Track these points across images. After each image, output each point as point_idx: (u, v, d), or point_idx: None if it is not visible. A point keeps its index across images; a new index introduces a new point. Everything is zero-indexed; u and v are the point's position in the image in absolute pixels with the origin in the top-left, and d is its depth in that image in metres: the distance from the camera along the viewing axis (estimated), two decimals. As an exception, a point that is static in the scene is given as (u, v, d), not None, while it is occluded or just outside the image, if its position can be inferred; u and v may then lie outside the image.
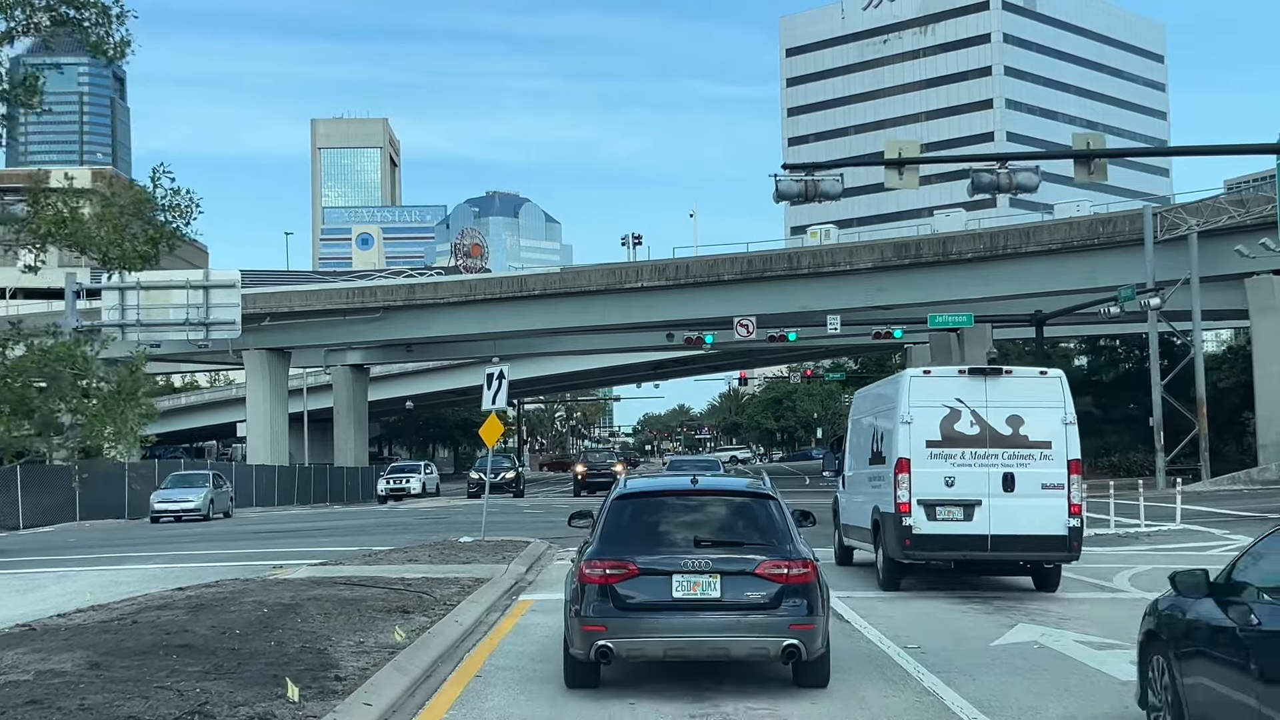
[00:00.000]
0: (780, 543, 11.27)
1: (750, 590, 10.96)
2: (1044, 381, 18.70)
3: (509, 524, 34.82)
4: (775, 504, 11.78)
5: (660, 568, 10.95)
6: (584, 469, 61.23)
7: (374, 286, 69.53)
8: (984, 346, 63.62)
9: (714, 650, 11.06)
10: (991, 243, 56.30)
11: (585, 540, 12.21)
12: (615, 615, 10.83)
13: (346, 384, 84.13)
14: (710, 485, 12.34)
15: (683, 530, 11.38)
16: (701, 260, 63.04)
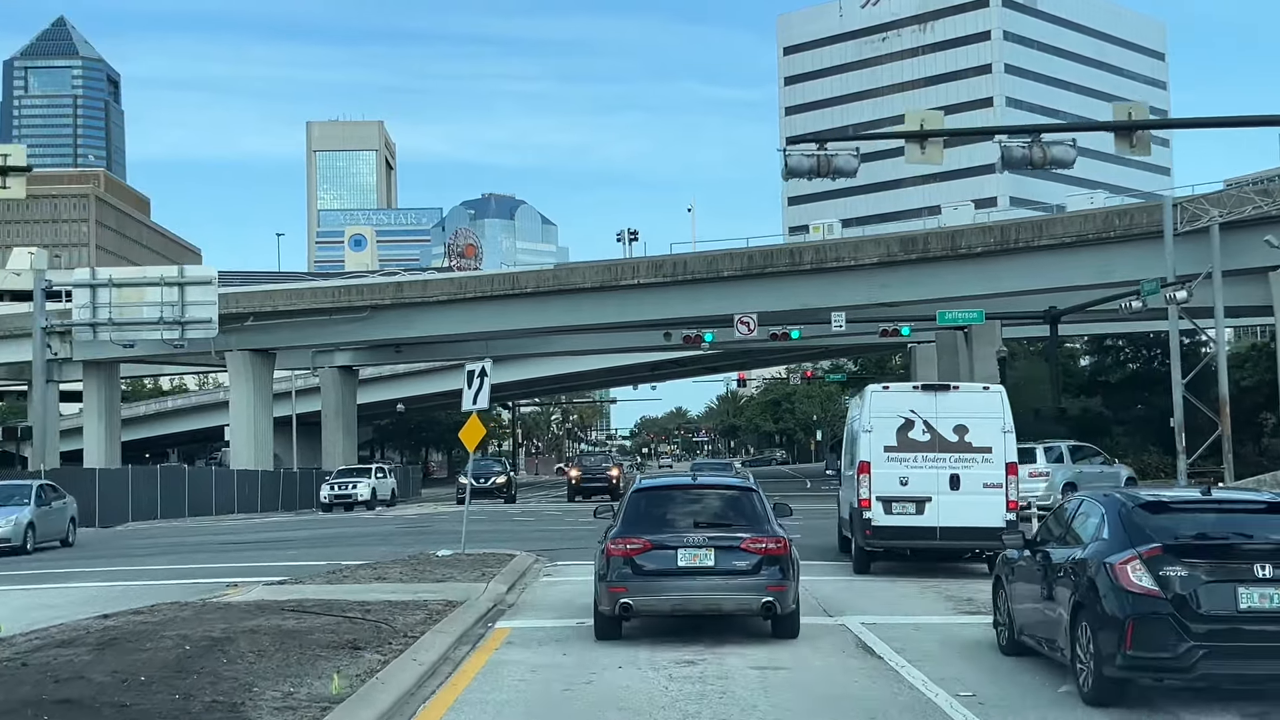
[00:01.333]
0: (760, 524, 14.74)
1: (737, 560, 14.29)
2: (987, 396, 22.12)
3: (495, 534, 32.50)
4: (756, 495, 15.34)
5: (668, 544, 14.33)
6: (578, 473, 58.91)
7: (360, 285, 67.17)
8: (993, 344, 61.32)
9: (708, 605, 14.43)
10: (1002, 236, 53.97)
11: (609, 525, 15.49)
12: (634, 579, 14.20)
13: (335, 386, 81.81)
14: (706, 481, 16.34)
15: (685, 515, 14.88)
16: (700, 256, 60.71)
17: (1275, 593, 10.39)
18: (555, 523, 38.62)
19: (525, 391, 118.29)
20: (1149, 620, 10.48)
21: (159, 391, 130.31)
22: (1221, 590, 10.45)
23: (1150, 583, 10.54)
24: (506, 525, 37.29)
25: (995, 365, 60.78)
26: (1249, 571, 10.48)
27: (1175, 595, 10.46)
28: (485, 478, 57.70)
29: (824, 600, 18.57)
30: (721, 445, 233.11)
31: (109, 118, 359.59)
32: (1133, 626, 10.50)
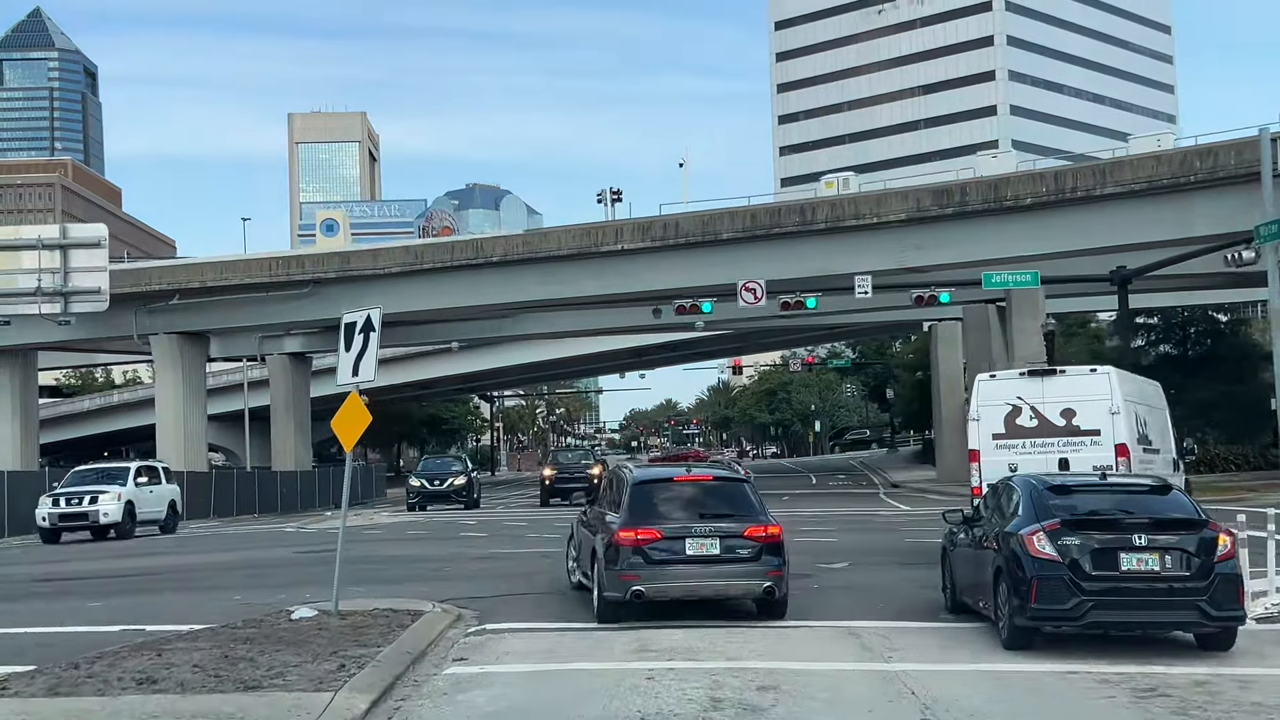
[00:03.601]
0: (755, 514, 15.83)
1: (740, 548, 15.36)
2: (1094, 377, 22.10)
3: (418, 564, 23.49)
4: (749, 486, 16.53)
5: (678, 533, 15.27)
6: (552, 472, 49.95)
7: (300, 255, 58.15)
8: (1036, 317, 52.50)
9: (715, 591, 15.48)
10: (1057, 184, 45.13)
11: (597, 512, 17.19)
12: (645, 568, 15.07)
13: (284, 375, 73.03)
14: (702, 472, 17.13)
15: (687, 506, 15.77)
16: (694, 216, 51.82)
17: (1149, 557, 12.93)
18: (514, 541, 29.74)
19: (501, 381, 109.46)
20: (1049, 580, 12.88)
21: (110, 385, 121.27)
22: (1107, 556, 12.92)
23: (1051, 550, 12.98)
24: (444, 547, 28.21)
25: (1039, 342, 51.99)
26: (1129, 540, 12.98)
27: (1071, 560, 12.92)
28: (441, 479, 48.62)
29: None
30: (714, 438, 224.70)
31: (86, 110, 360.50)
32: (1037, 585, 12.91)
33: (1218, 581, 12.83)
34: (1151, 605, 12.83)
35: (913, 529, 30.43)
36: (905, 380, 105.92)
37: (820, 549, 24.63)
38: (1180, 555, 12.86)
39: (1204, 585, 12.77)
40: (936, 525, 32.64)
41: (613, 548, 15.19)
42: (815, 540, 26.72)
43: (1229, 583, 12.99)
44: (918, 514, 38.43)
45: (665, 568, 14.99)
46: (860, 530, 30.61)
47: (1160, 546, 12.84)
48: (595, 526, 16.52)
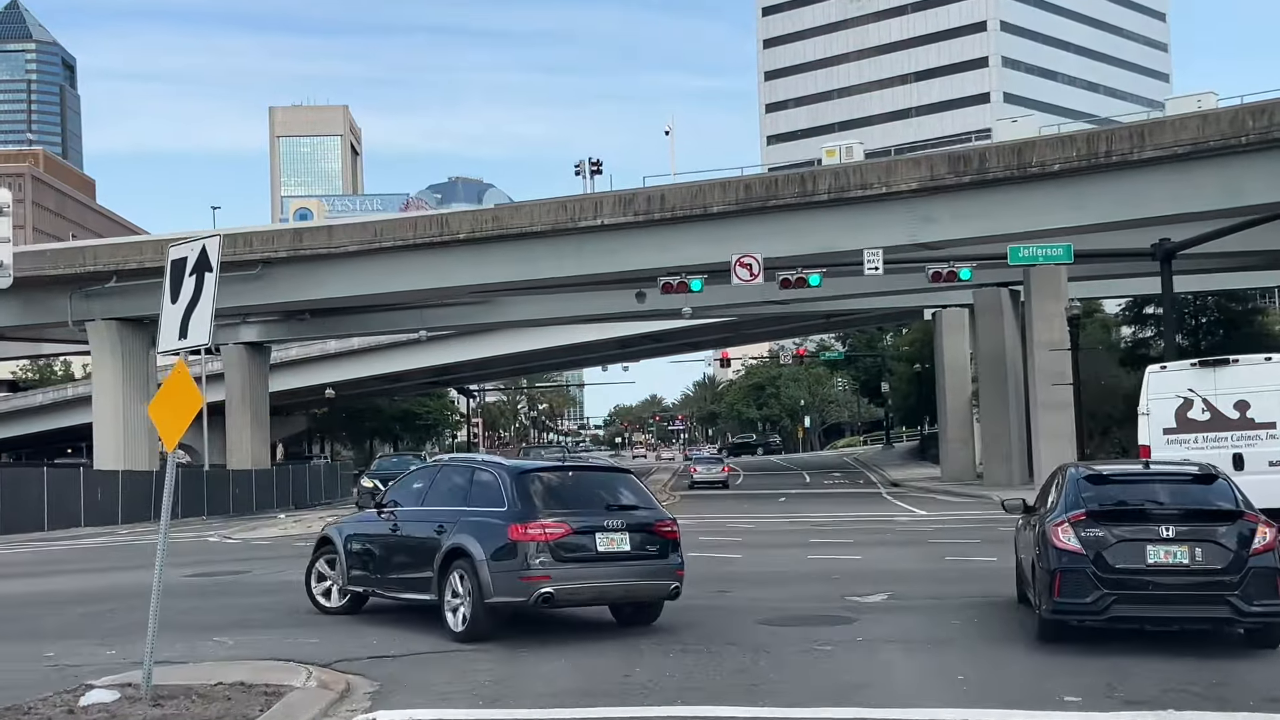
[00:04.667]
0: (655, 507, 14.52)
1: (649, 544, 13.98)
2: (1270, 367, 21.36)
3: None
4: (636, 476, 15.06)
5: (588, 527, 13.68)
6: (523, 472, 44.96)
7: (247, 232, 52.80)
8: (1058, 300, 47.66)
9: (627, 593, 14.08)
10: (1089, 149, 40.17)
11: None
12: (556, 567, 13.39)
13: (240, 367, 67.89)
14: (591, 463, 17.49)
15: (586, 497, 14.19)
16: (682, 188, 46.77)
17: (1178, 549, 12.28)
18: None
19: (478, 374, 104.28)
20: (1072, 573, 12.38)
21: (70, 378, 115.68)
22: (1133, 548, 12.34)
23: (1075, 542, 12.44)
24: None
25: (1061, 326, 47.18)
26: (1156, 532, 12.35)
27: (1095, 552, 12.36)
28: (393, 478, 43.34)
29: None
30: (700, 434, 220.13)
31: (64, 102, 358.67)
32: (1060, 577, 12.44)
33: (1251, 575, 12.16)
34: (1178, 600, 12.26)
35: (943, 541, 25.47)
36: (901, 373, 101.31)
37: (844, 571, 19.67)
38: (1212, 548, 12.26)
39: (1236, 579, 12.16)
40: (969, 536, 27.81)
41: (509, 546, 13.41)
42: (835, 559, 21.76)
43: (1264, 576, 12.21)
44: (939, 520, 33.51)
45: (577, 567, 13.53)
46: (883, 543, 25.63)
47: (1190, 538, 12.29)
48: (446, 524, 14.31)
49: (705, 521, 34.47)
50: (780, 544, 25.94)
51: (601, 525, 13.70)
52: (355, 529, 16.21)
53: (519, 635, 13.81)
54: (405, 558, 14.91)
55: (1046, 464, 47.85)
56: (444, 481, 15.30)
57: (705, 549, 24.17)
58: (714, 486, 62.79)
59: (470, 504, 14.40)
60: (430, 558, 14.24)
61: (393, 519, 15.38)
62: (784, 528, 31.62)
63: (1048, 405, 47.78)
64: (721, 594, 16.98)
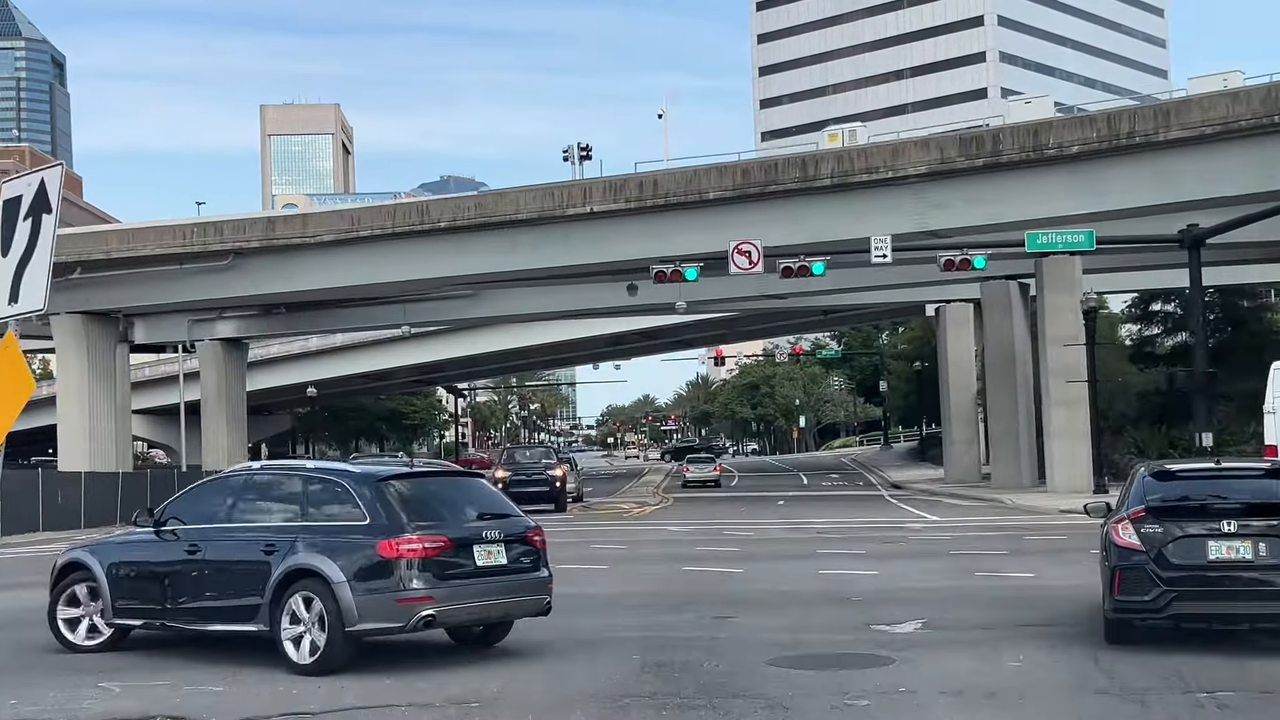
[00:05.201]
0: (517, 513, 12.96)
1: (524, 556, 12.58)
2: None
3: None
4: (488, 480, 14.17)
5: (466, 539, 12.08)
6: (506, 474, 41.90)
7: (219, 221, 50.22)
8: (1072, 292, 45.04)
9: (506, 611, 12.56)
10: (1110, 129, 37.66)
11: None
12: (438, 586, 11.70)
13: (216, 364, 65.01)
14: (444, 467, 15.16)
15: (453, 504, 12.57)
16: (676, 174, 44.21)
17: (1241, 545, 11.85)
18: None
19: (466, 372, 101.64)
20: (1131, 570, 12.00)
21: (49, 376, 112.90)
22: (1194, 544, 11.92)
23: (1134, 538, 12.05)
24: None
25: (1075, 321, 44.67)
26: (1218, 528, 11.93)
27: (1155, 549, 11.94)
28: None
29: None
30: (693, 434, 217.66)
31: (54, 100, 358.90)
32: (1120, 575, 12.08)
33: None
34: (1241, 596, 11.86)
35: (967, 552, 22.89)
36: (899, 371, 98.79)
37: (863, 590, 17.09)
38: (1277, 542, 11.83)
39: None
40: (994, 545, 25.02)
41: (380, 565, 11.70)
42: (849, 574, 19.16)
43: None
44: (953, 526, 30.94)
45: (459, 584, 12.01)
46: (899, 554, 23.02)
47: (1254, 534, 11.88)
48: (282, 543, 12.24)
49: (701, 528, 31.93)
50: (784, 555, 23.37)
51: (479, 536, 12.24)
52: (124, 554, 13.60)
53: (386, 666, 11.69)
54: (216, 583, 12.57)
55: (1059, 464, 45.35)
56: (260, 494, 13.08)
57: (702, 561, 21.64)
58: (706, 485, 64.22)
59: (310, 518, 12.36)
60: (258, 582, 12.13)
61: (186, 540, 12.91)
62: (786, 535, 29.05)
63: (1060, 403, 45.22)
64: (722, 621, 14.39)
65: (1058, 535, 26.81)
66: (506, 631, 13.16)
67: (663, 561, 21.92)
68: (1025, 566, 19.71)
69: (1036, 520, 32.83)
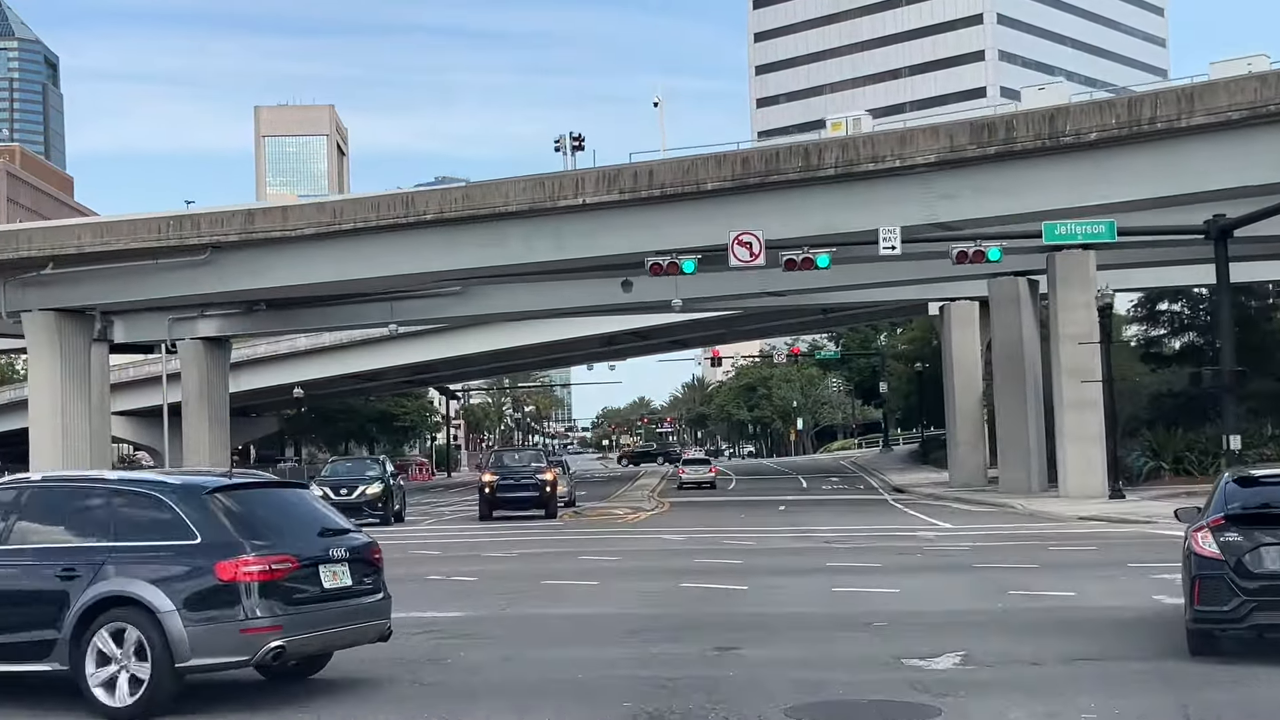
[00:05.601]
0: (353, 527, 11.57)
1: (366, 576, 11.17)
2: None
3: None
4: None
5: (313, 558, 10.66)
6: (493, 478, 39.83)
7: (195, 214, 48.09)
8: (1085, 289, 43.13)
9: (355, 638, 11.13)
10: (1130, 115, 35.71)
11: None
12: (287, 613, 10.29)
13: (198, 363, 63.08)
14: (266, 478, 12.73)
15: (291, 519, 11.04)
16: (672, 164, 42.18)
17: None
18: (406, 587, 20.09)
19: (458, 372, 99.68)
20: (1210, 579, 11.60)
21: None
22: (1274, 552, 11.46)
23: (1213, 547, 11.64)
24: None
25: (1089, 318, 42.79)
26: None
27: (1234, 558, 11.53)
28: (349, 487, 38.24)
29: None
30: (689, 436, 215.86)
31: (47, 100, 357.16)
32: (1198, 584, 11.68)
33: None
34: None
35: (990, 566, 20.89)
36: (899, 372, 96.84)
37: (885, 613, 15.08)
38: None
39: None
40: (1018, 557, 22.74)
41: (218, 590, 10.14)
42: (867, 592, 17.15)
43: None
44: (969, 535, 28.96)
45: (307, 610, 10.57)
46: (917, 568, 21.00)
47: None
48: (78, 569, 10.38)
49: (699, 536, 29.92)
50: (792, 568, 21.36)
51: (326, 555, 10.80)
52: None
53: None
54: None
55: (1072, 468, 43.39)
56: (50, 509, 10.99)
57: (701, 576, 19.64)
58: (702, 487, 64.35)
59: (122, 537, 10.50)
60: (52, 614, 10.28)
61: None
62: (791, 545, 27.04)
63: (1074, 404, 43.26)
64: (727, 654, 12.39)
65: (1084, 545, 24.85)
66: (326, 661, 11.67)
67: (659, 576, 19.93)
68: (1060, 583, 17.74)
69: (1055, 528, 30.87)
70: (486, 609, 16.21)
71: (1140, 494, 42.43)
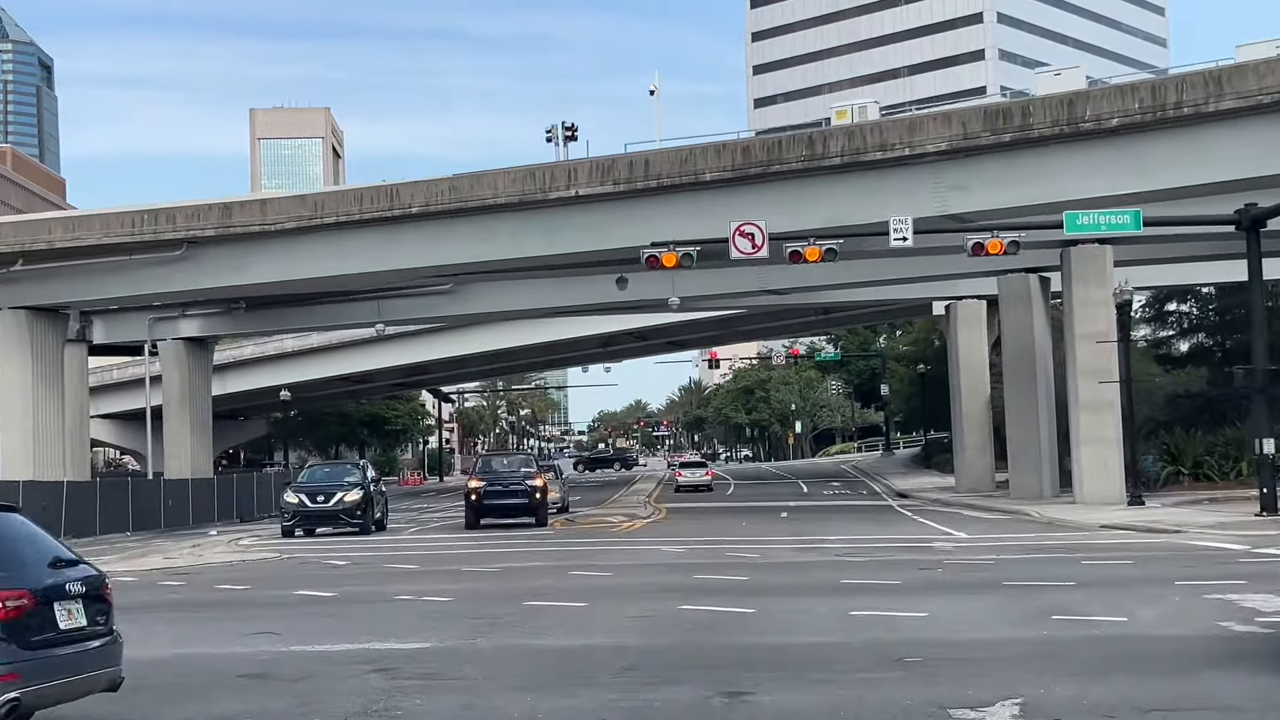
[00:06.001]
0: (84, 559, 9.96)
1: (99, 615, 9.61)
2: None
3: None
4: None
5: (48, 594, 9.06)
6: (479, 484, 37.69)
7: (170, 208, 46.14)
8: (1102, 285, 41.12)
9: (88, 687, 9.46)
10: (1154, 100, 33.77)
11: None
12: (24, 658, 8.63)
13: (179, 365, 61.01)
14: None
15: (18, 547, 9.19)
16: (669, 153, 40.22)
17: None
18: (373, 609, 17.97)
19: (451, 374, 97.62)
20: None
21: None
22: None
23: None
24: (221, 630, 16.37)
25: (1107, 316, 40.81)
26: None
27: None
28: (326, 494, 36.20)
29: None
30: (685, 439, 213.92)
31: (41, 103, 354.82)
32: None
33: None
34: None
35: (1021, 583, 18.82)
36: (900, 375, 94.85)
37: (915, 642, 13.04)
38: None
39: None
40: (1048, 573, 20.34)
41: None
42: (889, 615, 15.11)
43: None
44: (988, 546, 26.90)
45: (46, 656, 8.77)
46: (940, 586, 18.94)
47: None
48: None
49: (699, 548, 27.87)
50: (802, 587, 19.32)
51: (63, 590, 9.26)
52: None
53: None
54: None
55: (1088, 473, 41.36)
56: None
57: (703, 596, 17.61)
58: (699, 490, 65.08)
59: None
60: None
61: None
62: (799, 558, 25.01)
63: (1090, 406, 41.26)
64: (735, 703, 10.32)
65: (1117, 558, 22.80)
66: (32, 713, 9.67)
67: (655, 595, 17.89)
68: (1106, 605, 15.71)
69: (1079, 538, 28.84)
70: (456, 638, 14.15)
71: (1160, 500, 40.43)
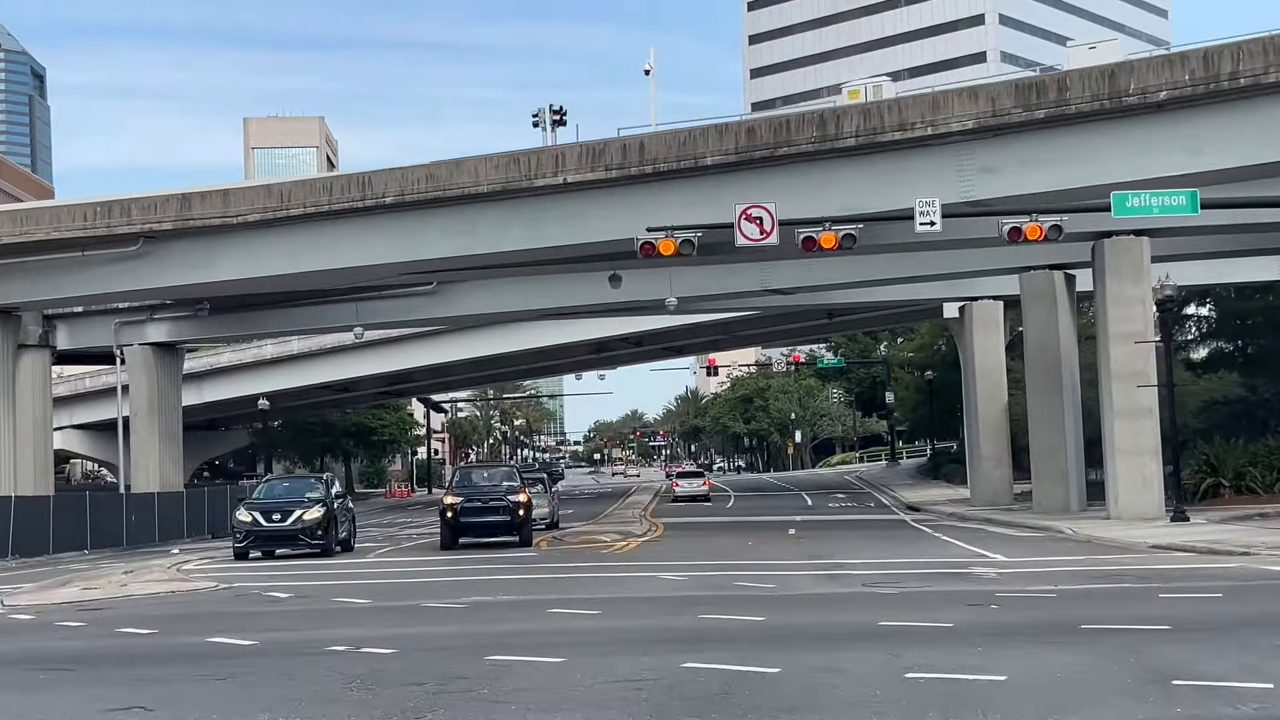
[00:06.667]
0: None
1: None
2: None
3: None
4: None
5: None
6: (456, 500, 33.99)
7: (125, 200, 42.58)
8: (1138, 281, 37.68)
9: None
10: (1206, 71, 30.37)
11: None
12: None
13: (146, 371, 57.68)
14: None
15: None
16: (666, 136, 36.76)
17: None
18: (305, 667, 14.41)
19: (439, 382, 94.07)
20: None
21: None
22: None
23: None
24: (88, 691, 12.82)
25: (1144, 314, 37.39)
26: None
27: None
28: (282, 512, 32.48)
29: None
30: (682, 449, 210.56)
31: (33, 112, 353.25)
32: None
33: None
34: None
35: (1104, 626, 15.25)
36: (906, 381, 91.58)
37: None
38: None
39: None
40: (1125, 609, 16.79)
41: None
42: (958, 681, 11.51)
43: None
44: (1036, 573, 23.32)
45: None
46: (1008, 631, 15.32)
47: None
48: None
49: (703, 577, 24.18)
50: (833, 632, 15.68)
51: None
52: None
53: None
54: None
55: (1124, 486, 37.83)
56: None
57: (711, 645, 14.02)
58: (696, 500, 64.64)
59: None
60: None
61: None
62: (821, 588, 21.43)
63: (1125, 412, 37.84)
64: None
65: (1195, 589, 19.22)
66: None
67: (651, 645, 14.25)
68: (1231, 662, 12.18)
69: (1134, 561, 25.32)
70: (382, 718, 10.51)
71: (1203, 515, 36.81)
